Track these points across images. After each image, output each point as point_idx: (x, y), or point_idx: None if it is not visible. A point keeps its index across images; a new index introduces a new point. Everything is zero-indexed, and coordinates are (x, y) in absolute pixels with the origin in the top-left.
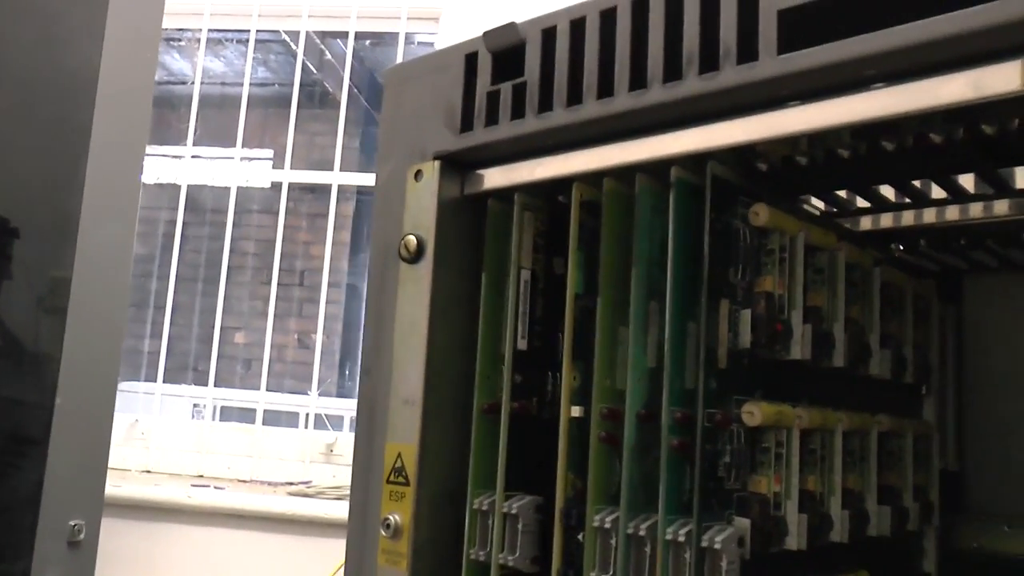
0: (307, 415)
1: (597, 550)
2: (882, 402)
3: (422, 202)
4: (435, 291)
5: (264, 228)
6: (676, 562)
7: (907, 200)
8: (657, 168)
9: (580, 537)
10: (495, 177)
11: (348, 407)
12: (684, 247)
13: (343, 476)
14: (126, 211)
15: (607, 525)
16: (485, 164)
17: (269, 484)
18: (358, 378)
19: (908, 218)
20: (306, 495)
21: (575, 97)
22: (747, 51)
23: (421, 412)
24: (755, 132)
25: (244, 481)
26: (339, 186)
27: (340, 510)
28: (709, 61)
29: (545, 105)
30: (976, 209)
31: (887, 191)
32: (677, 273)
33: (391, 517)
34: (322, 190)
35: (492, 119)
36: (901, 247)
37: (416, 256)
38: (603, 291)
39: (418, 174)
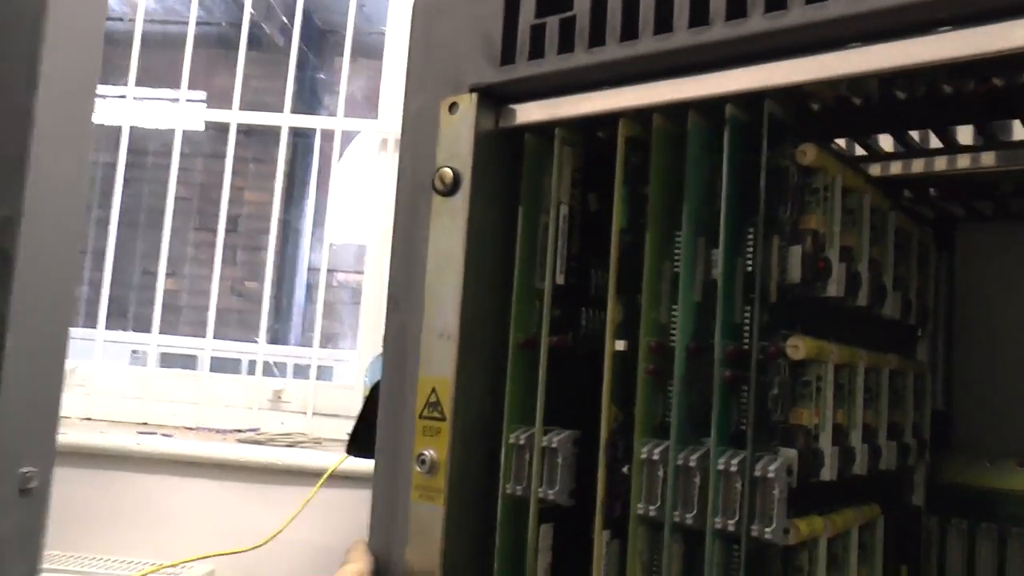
0: (251, 362)
1: (644, 482)
2: (890, 342)
3: (458, 134)
4: (471, 224)
5: (195, 172)
6: (727, 491)
7: (925, 147)
8: (707, 106)
9: (625, 470)
10: (534, 111)
11: (292, 355)
12: (735, 185)
13: (292, 423)
14: (79, 149)
15: (655, 457)
16: (524, 98)
17: (217, 432)
18: (385, 307)
19: (918, 166)
20: (257, 442)
21: (630, 32)
22: None
23: (457, 346)
24: (819, 72)
25: (191, 429)
26: (269, 129)
27: (293, 457)
28: (775, 0)
29: (597, 39)
30: (988, 158)
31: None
32: (729, 210)
33: (426, 452)
34: (257, 133)
35: (537, 52)
36: (907, 193)
37: (452, 189)
38: (651, 226)
39: (453, 106)
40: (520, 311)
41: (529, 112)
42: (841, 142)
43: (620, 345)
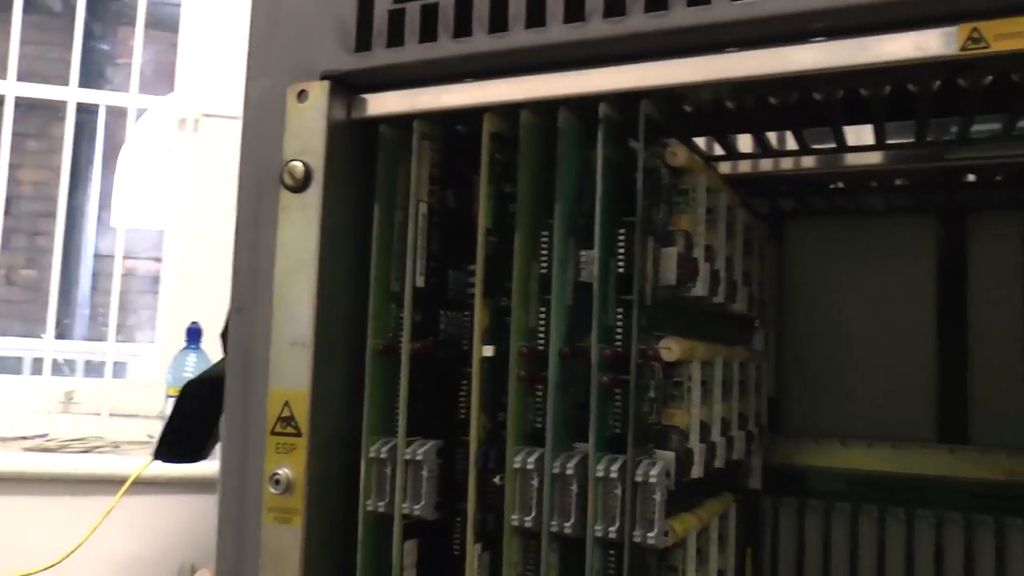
0: (35, 360)
1: (518, 491)
2: (737, 334)
3: (308, 125)
4: (324, 223)
5: None
6: (607, 498)
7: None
8: (579, 103)
9: (497, 480)
10: (391, 102)
11: (84, 350)
12: (608, 185)
13: (86, 426)
14: None
15: (530, 465)
16: (380, 87)
17: None
18: (227, 314)
19: (766, 164)
20: (47, 450)
21: (500, 24)
22: None
23: (313, 354)
24: (697, 74)
25: None
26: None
27: (89, 464)
28: (656, 0)
29: (463, 30)
30: (829, 159)
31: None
32: (603, 211)
33: (280, 471)
34: (31, 108)
35: (396, 40)
36: (746, 190)
37: (303, 184)
38: (520, 227)
39: (302, 94)
40: (378, 315)
41: (386, 103)
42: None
43: (488, 351)
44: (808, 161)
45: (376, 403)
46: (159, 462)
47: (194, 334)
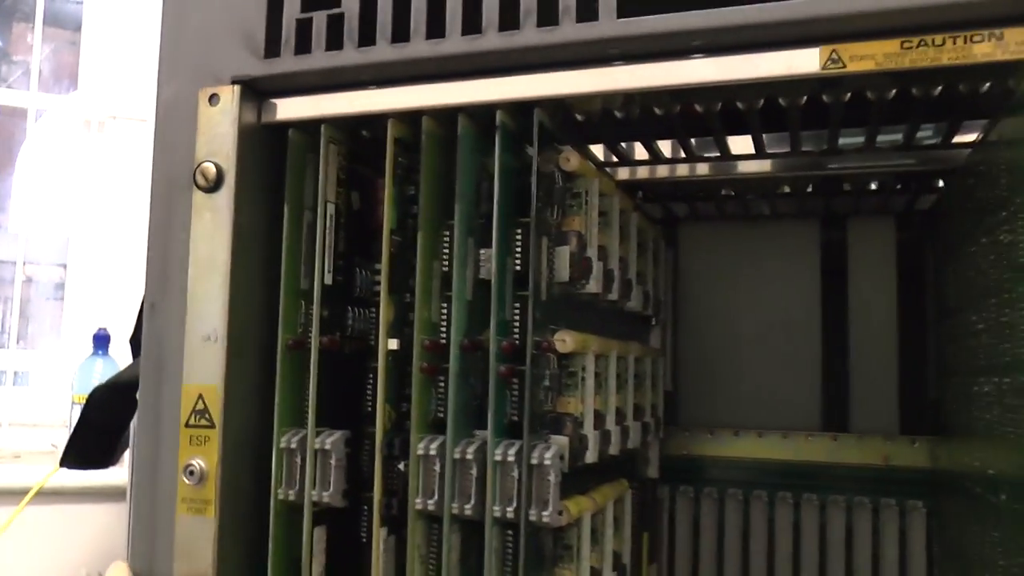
0: None
1: (421, 477)
2: (632, 331)
3: (219, 128)
4: (236, 222)
5: None
6: (505, 480)
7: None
8: (477, 111)
9: (401, 466)
10: (300, 107)
11: None
12: (505, 188)
13: None
14: None
15: (432, 452)
16: (289, 93)
17: None
18: (141, 314)
19: (663, 171)
20: None
21: (402, 34)
22: (587, 10)
23: (225, 350)
24: (586, 85)
25: None
26: None
27: None
28: (548, 15)
29: (367, 39)
30: (717, 167)
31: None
32: (500, 212)
33: (194, 463)
34: None
35: (303, 47)
36: (642, 195)
37: (215, 185)
38: (422, 227)
39: (213, 98)
40: (288, 312)
41: (294, 108)
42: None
43: (393, 344)
44: (698, 169)
45: (286, 396)
46: (64, 472)
47: (101, 340)
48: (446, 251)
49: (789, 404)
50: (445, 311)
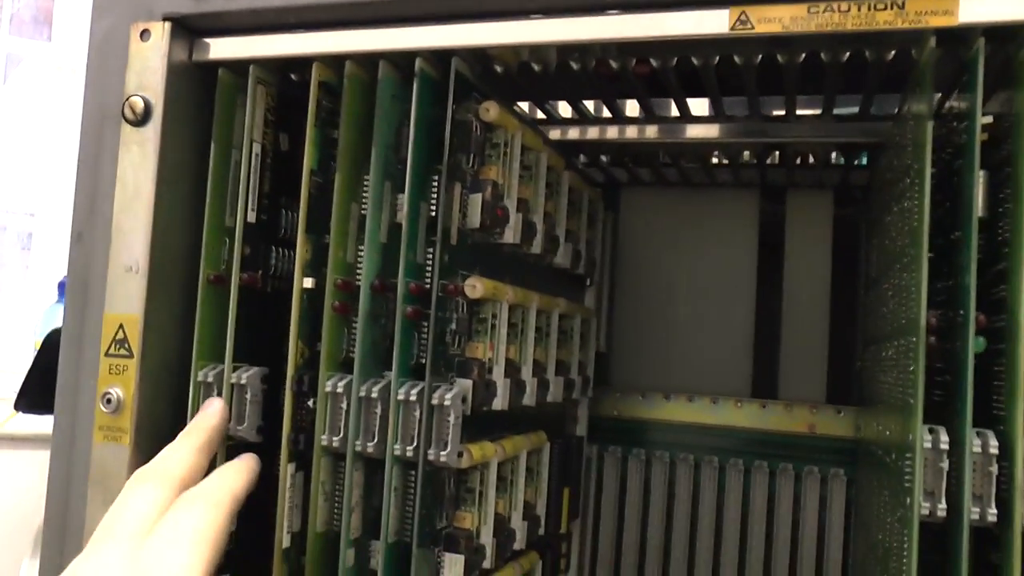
0: None
1: (328, 414)
2: (560, 288)
3: (149, 63)
4: (162, 156)
5: None
6: (407, 419)
7: (598, 116)
8: (399, 58)
9: (310, 403)
10: (229, 47)
11: None
12: (422, 134)
13: None
14: None
15: (339, 390)
16: (218, 33)
17: None
18: (68, 244)
19: (593, 133)
20: None
21: None
22: None
23: (146, 280)
24: (501, 37)
25: None
26: None
27: None
28: None
29: None
30: (650, 131)
31: (568, 108)
32: (416, 158)
33: (112, 391)
34: None
35: None
36: (583, 158)
37: (143, 119)
38: (340, 170)
39: (144, 33)
40: (210, 247)
41: (224, 48)
42: (524, 106)
43: (308, 283)
44: (627, 132)
45: (206, 330)
46: (22, 417)
47: (64, 288)
48: (366, 195)
49: (721, 370)
50: (362, 254)
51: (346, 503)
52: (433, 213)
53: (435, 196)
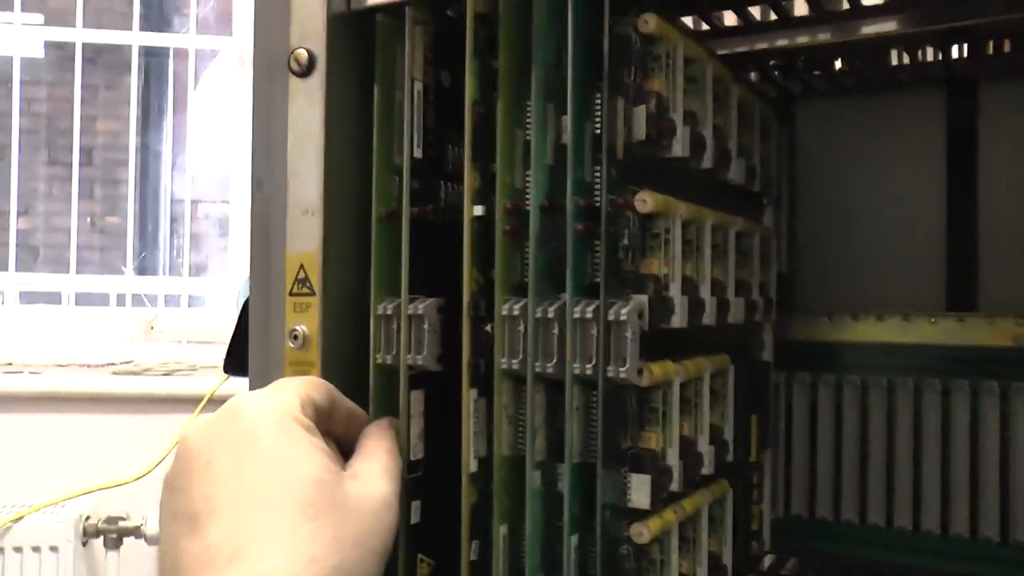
0: (120, 296)
1: (507, 337)
2: (736, 206)
3: (311, 15)
4: (328, 103)
5: (39, 102)
6: (584, 338)
7: (765, 20)
8: None
9: (488, 328)
10: None
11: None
12: (580, 52)
13: (167, 353)
14: None
15: (515, 313)
16: None
17: (88, 366)
18: (249, 192)
19: (762, 44)
20: (132, 373)
21: None
22: None
23: (322, 221)
24: None
25: (62, 365)
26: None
27: (169, 386)
28: None
29: None
30: (822, 34)
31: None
32: (576, 76)
33: (298, 328)
34: (103, 58)
35: None
36: (753, 75)
37: (308, 69)
38: (502, 97)
39: None
40: (381, 185)
41: None
42: (688, 22)
43: (478, 210)
44: (799, 38)
45: (382, 264)
46: (231, 381)
47: None
48: (529, 120)
49: (912, 285)
50: (529, 178)
51: (529, 425)
52: (598, 130)
53: (599, 114)
